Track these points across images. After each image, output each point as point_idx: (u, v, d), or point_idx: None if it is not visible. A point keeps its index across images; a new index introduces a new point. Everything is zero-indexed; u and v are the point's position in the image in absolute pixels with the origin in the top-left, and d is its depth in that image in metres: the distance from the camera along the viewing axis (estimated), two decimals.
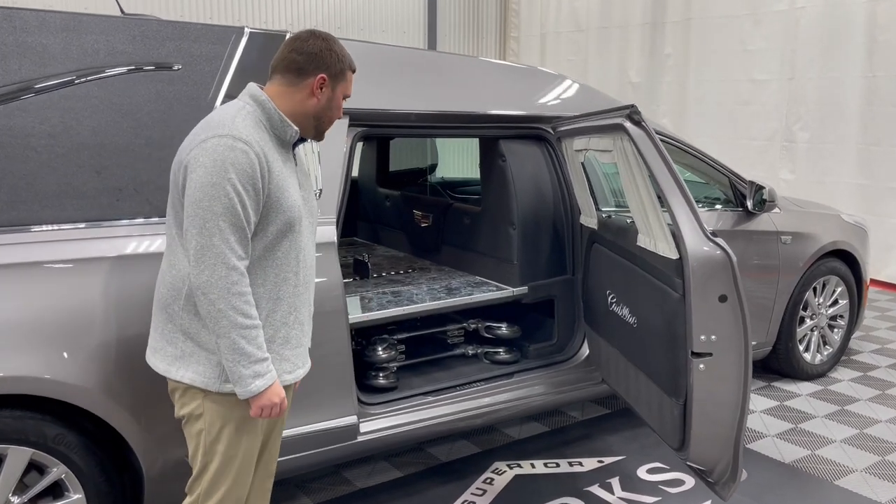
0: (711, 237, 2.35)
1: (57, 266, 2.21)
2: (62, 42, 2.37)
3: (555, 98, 3.50)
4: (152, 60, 2.49)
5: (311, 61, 1.90)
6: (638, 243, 2.69)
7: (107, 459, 2.28)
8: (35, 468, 2.20)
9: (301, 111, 1.92)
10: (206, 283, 1.76)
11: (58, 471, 2.20)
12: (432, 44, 9.84)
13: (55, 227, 2.25)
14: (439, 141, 5.71)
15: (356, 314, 2.96)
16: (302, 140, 1.99)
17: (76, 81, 2.35)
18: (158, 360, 1.95)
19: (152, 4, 7.84)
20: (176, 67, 2.52)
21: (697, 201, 3.91)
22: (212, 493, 1.95)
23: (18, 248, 2.18)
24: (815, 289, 4.26)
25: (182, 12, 8.11)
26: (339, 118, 2.03)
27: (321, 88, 1.92)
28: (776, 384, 4.31)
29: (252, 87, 1.92)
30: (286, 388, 2.01)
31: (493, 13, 10.50)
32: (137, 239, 2.33)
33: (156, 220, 2.37)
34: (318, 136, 2.02)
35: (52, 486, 2.23)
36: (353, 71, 2.00)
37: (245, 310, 1.79)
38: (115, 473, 2.31)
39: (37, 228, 2.23)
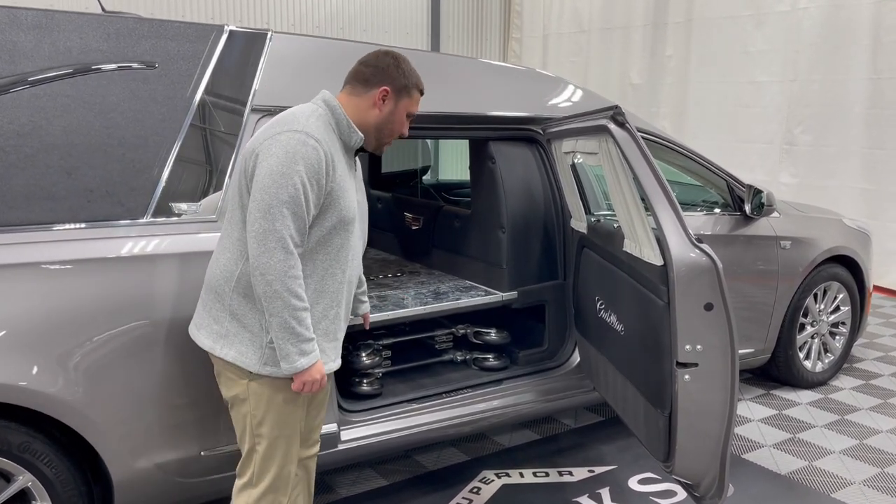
0: (697, 243, 2.27)
1: (28, 271, 2.15)
2: (34, 39, 2.31)
3: (545, 99, 3.42)
4: (127, 58, 2.44)
5: (376, 74, 2.06)
6: (624, 248, 2.62)
7: (75, 468, 2.22)
8: (1, 476, 2.15)
9: (364, 120, 2.07)
10: (266, 264, 1.87)
11: (23, 479, 2.14)
12: (435, 45, 9.78)
13: (24, 230, 2.18)
14: (442, 142, 5.64)
15: None
16: (363, 150, 2.13)
17: (47, 80, 2.29)
18: (204, 336, 2.07)
19: (153, 5, 7.82)
20: (152, 66, 2.47)
21: (695, 205, 3.83)
22: (264, 475, 2.08)
23: None
24: (815, 295, 4.17)
25: (183, 12, 8.08)
26: (402, 134, 2.14)
27: (383, 100, 2.07)
28: (775, 392, 4.21)
29: (325, 93, 2.06)
30: None
31: (496, 14, 10.43)
32: (110, 242, 2.27)
33: (127, 222, 2.31)
34: (378, 149, 2.15)
35: (19, 495, 2.17)
36: (422, 92, 2.14)
37: (298, 292, 1.90)
38: (83, 482, 2.24)
39: (4, 231, 2.16)
